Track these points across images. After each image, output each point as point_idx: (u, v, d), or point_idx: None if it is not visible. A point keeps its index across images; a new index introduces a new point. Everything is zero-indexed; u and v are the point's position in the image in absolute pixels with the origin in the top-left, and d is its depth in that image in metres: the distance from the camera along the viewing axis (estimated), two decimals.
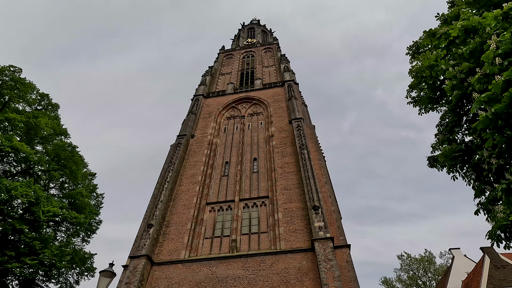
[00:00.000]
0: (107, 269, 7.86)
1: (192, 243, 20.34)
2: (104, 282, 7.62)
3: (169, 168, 25.21)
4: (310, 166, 22.25)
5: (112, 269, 7.91)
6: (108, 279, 7.74)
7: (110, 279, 7.77)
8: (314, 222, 18.46)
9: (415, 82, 12.52)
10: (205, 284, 17.44)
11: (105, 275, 7.70)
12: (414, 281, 40.93)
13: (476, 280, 19.01)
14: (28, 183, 20.68)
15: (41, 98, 25.68)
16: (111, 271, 7.86)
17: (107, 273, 7.76)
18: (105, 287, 7.60)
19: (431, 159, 13.13)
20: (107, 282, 7.65)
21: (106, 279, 7.68)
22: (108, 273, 7.78)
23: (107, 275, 7.75)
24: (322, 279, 15.47)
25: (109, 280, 7.70)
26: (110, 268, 7.92)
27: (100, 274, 7.71)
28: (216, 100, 36.23)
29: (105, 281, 7.64)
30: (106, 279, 7.68)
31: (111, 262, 8.04)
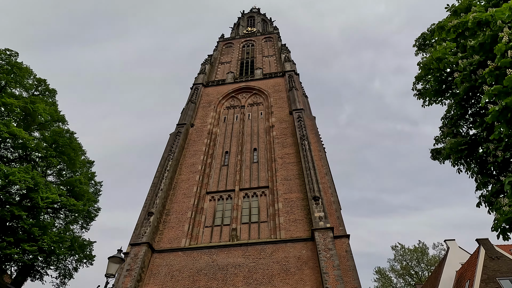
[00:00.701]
0: (116, 255, 7.87)
1: (193, 232, 20.46)
2: (113, 268, 7.64)
3: (168, 156, 25.10)
4: (310, 157, 22.32)
5: (121, 255, 7.93)
6: (118, 265, 7.76)
7: (119, 264, 7.79)
8: (315, 212, 18.63)
9: (422, 74, 12.47)
10: (206, 271, 17.63)
11: (114, 261, 7.72)
12: (407, 271, 41.95)
13: (470, 270, 19.54)
14: (26, 169, 20.46)
15: (38, 83, 25.17)
16: (120, 257, 7.88)
17: (116, 259, 7.77)
18: (115, 272, 7.64)
19: (434, 152, 13.24)
20: (117, 267, 7.68)
21: (115, 264, 7.70)
22: (117, 259, 7.80)
23: (116, 261, 7.77)
24: (322, 268, 15.73)
25: (118, 266, 7.73)
26: (118, 254, 7.94)
27: (109, 260, 7.72)
28: (216, 89, 35.87)
29: (114, 266, 7.66)
30: (115, 265, 7.70)
31: (119, 249, 8.05)
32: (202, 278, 17.35)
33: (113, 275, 7.82)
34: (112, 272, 7.80)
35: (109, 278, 7.71)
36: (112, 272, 7.78)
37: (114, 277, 7.84)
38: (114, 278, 7.82)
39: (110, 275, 7.76)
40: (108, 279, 7.73)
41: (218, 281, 17.08)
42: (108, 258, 7.76)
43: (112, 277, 7.80)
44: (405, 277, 42.76)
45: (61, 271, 23.49)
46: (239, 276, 17.17)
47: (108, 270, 7.71)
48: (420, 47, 14.51)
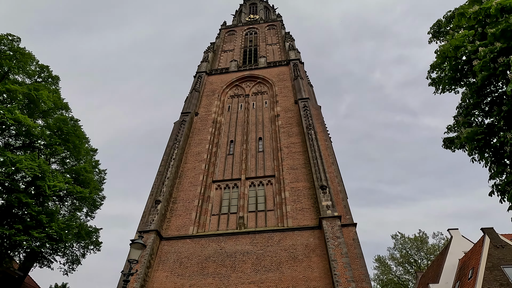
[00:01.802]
0: (137, 241, 7.90)
1: (200, 220, 20.60)
2: (135, 253, 7.68)
3: (174, 145, 25.02)
4: (317, 147, 22.30)
5: (142, 241, 7.95)
6: (140, 251, 7.80)
7: (141, 250, 7.83)
8: (322, 201, 18.74)
9: (438, 61, 12.32)
10: (214, 258, 17.84)
11: (135, 246, 7.75)
12: (407, 259, 42.68)
13: (475, 258, 19.87)
14: (32, 157, 20.36)
15: (40, 69, 24.75)
16: (141, 242, 7.91)
17: (137, 245, 7.81)
18: (137, 257, 7.69)
19: (447, 141, 13.22)
20: (139, 253, 7.72)
21: (137, 250, 7.74)
22: (138, 245, 7.83)
23: (138, 246, 7.80)
24: (330, 255, 15.93)
25: (140, 252, 7.76)
26: (140, 240, 7.96)
27: (131, 246, 7.75)
28: (219, 78, 35.48)
29: (136, 252, 7.70)
30: (138, 251, 7.74)
31: (140, 235, 8.07)
32: (211, 265, 17.57)
33: (136, 260, 7.88)
34: (135, 258, 7.85)
35: (132, 263, 7.78)
36: (135, 257, 7.84)
37: (136, 262, 7.91)
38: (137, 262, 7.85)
39: (133, 261, 7.82)
40: (131, 264, 7.80)
41: (227, 267, 17.31)
42: (130, 244, 7.80)
43: (135, 262, 7.86)
44: (405, 265, 43.54)
45: (68, 257, 23.72)
46: (247, 263, 17.40)
47: (131, 256, 7.77)
48: (435, 35, 14.28)
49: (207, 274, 17.19)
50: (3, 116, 19.30)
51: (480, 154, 11.47)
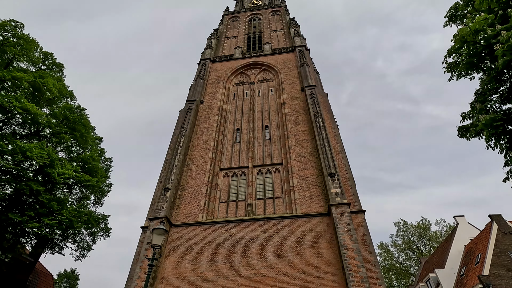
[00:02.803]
0: (159, 227, 7.97)
1: (209, 207, 20.77)
2: (158, 239, 7.77)
3: (180, 133, 24.96)
4: (325, 134, 22.21)
5: (164, 227, 8.02)
6: (162, 236, 7.88)
7: (163, 236, 7.91)
8: (331, 188, 18.81)
9: (456, 46, 12.06)
10: (224, 244, 18.08)
11: (158, 232, 7.82)
12: (409, 246, 43.29)
13: (481, 244, 20.11)
14: (41, 145, 20.38)
15: (44, 57, 24.44)
16: (163, 228, 7.98)
17: (160, 230, 7.88)
18: (160, 243, 7.78)
19: (462, 129, 13.10)
20: (162, 238, 7.80)
21: (159, 236, 7.82)
22: (161, 230, 7.91)
23: (160, 232, 7.88)
24: (340, 242, 16.11)
25: (163, 237, 7.85)
26: (162, 226, 8.03)
27: (153, 232, 7.82)
28: (224, 65, 35.03)
29: (159, 238, 7.78)
30: (160, 236, 7.82)
31: (162, 221, 8.13)
32: (221, 251, 17.83)
33: (159, 245, 7.99)
34: (158, 243, 7.97)
35: (156, 248, 7.90)
36: (158, 242, 7.95)
37: (160, 247, 8.02)
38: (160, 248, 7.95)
39: (156, 246, 7.94)
40: (154, 250, 7.91)
41: (237, 253, 17.56)
42: (152, 230, 7.86)
43: (158, 247, 7.97)
44: (407, 252, 44.21)
45: (79, 244, 24.09)
46: (257, 249, 17.64)
47: (154, 241, 7.88)
48: (451, 18, 13.94)
49: (217, 260, 17.46)
50: (10, 104, 19.18)
51: (496, 141, 11.40)
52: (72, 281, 42.76)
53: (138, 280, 16.18)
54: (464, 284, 19.86)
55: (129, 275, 17.29)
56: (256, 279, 16.35)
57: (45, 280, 28.33)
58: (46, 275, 28.99)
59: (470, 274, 19.60)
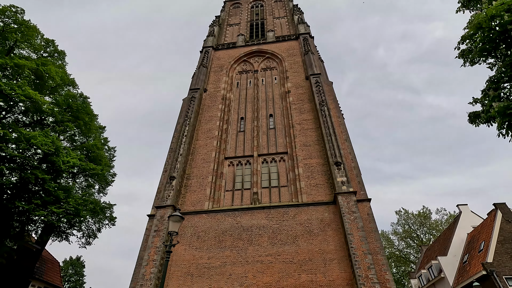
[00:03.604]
0: (176, 214, 7.97)
1: (215, 195, 20.85)
2: (175, 226, 7.79)
3: (185, 122, 24.81)
4: (331, 123, 22.10)
5: (180, 214, 8.03)
6: (179, 223, 7.90)
7: (179, 223, 7.93)
8: (337, 177, 18.85)
9: (470, 32, 11.83)
10: (231, 232, 18.24)
11: (174, 219, 7.83)
12: (409, 234, 43.84)
13: (485, 232, 20.34)
14: (45, 133, 20.26)
15: (46, 44, 24.01)
16: (179, 215, 7.99)
17: (176, 217, 7.89)
18: (177, 229, 7.80)
19: (472, 115, 13.03)
20: (178, 225, 7.82)
21: (176, 223, 7.84)
22: (177, 217, 7.92)
23: (176, 219, 7.89)
24: (346, 229, 16.25)
25: (179, 224, 7.87)
26: (178, 213, 8.04)
27: (170, 219, 7.84)
28: (227, 53, 34.53)
29: (175, 225, 7.80)
30: (176, 223, 7.84)
31: (178, 208, 8.14)
32: (228, 238, 18.00)
33: (176, 232, 8.02)
34: (175, 230, 7.99)
35: (173, 235, 7.92)
36: (175, 229, 7.98)
37: (176, 234, 8.04)
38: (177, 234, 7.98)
39: (173, 232, 7.96)
40: (172, 236, 7.95)
41: (244, 241, 17.74)
42: (168, 218, 7.89)
43: (175, 234, 8.00)
44: (407, 240, 44.80)
45: (85, 232, 24.31)
46: (263, 236, 17.81)
47: (171, 228, 7.91)
48: (465, 4, 13.64)
49: (224, 247, 17.65)
50: (13, 92, 18.96)
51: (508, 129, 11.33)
52: (77, 268, 43.46)
53: (147, 266, 16.38)
54: (467, 271, 20.23)
55: (137, 261, 17.50)
56: (263, 265, 16.57)
57: (52, 267, 28.76)
58: (53, 262, 29.41)
59: (473, 261, 19.93)
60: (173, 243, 7.84)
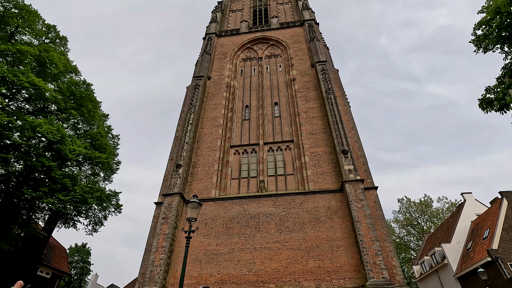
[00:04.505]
0: (193, 200, 7.97)
1: (221, 183, 20.90)
2: (193, 212, 7.80)
3: (190, 110, 24.61)
4: (337, 111, 21.94)
5: (198, 201, 8.03)
6: (197, 210, 7.90)
7: (197, 209, 7.93)
8: (344, 165, 18.85)
9: (487, 17, 11.57)
10: (238, 219, 18.38)
11: (192, 206, 7.83)
12: (410, 222, 44.35)
13: (490, 220, 20.55)
14: (50, 121, 20.10)
15: (47, 29, 23.49)
16: (197, 201, 7.99)
17: (193, 204, 7.89)
18: (195, 215, 7.82)
19: (484, 102, 12.90)
20: (196, 212, 7.83)
21: (194, 209, 7.84)
22: (195, 204, 7.92)
23: (194, 206, 7.89)
24: (354, 217, 16.37)
25: (197, 210, 7.87)
26: (195, 199, 8.03)
27: (188, 206, 7.84)
28: (230, 40, 33.94)
29: (193, 211, 7.81)
30: (195, 210, 7.85)
31: (195, 195, 8.13)
32: (235, 226, 18.16)
33: (194, 218, 8.06)
34: (194, 216, 8.03)
35: (191, 221, 7.96)
36: (194, 215, 8.01)
37: (195, 220, 8.08)
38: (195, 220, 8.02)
39: (192, 219, 8.00)
40: (191, 223, 7.99)
41: (251, 228, 17.90)
42: (186, 204, 7.89)
43: (194, 220, 8.04)
44: (407, 228, 45.36)
45: (91, 219, 24.45)
46: (271, 224, 17.96)
47: (190, 214, 7.93)
48: None
49: (232, 234, 17.83)
50: (17, 79, 18.67)
51: None
52: (83, 254, 44.09)
53: (156, 253, 16.58)
54: (471, 257, 20.57)
55: (146, 248, 17.70)
56: (271, 252, 16.78)
57: (59, 254, 29.15)
58: (60, 248, 29.79)
59: (478, 248, 20.23)
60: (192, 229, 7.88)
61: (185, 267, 7.53)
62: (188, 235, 8.03)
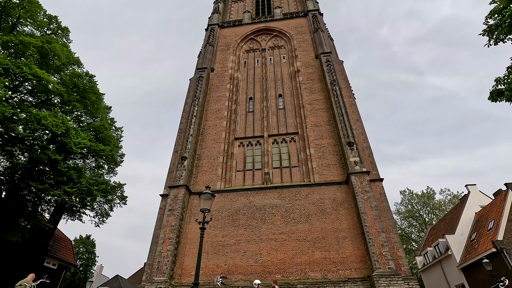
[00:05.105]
0: (206, 192, 7.97)
1: (226, 175, 20.92)
2: (207, 203, 7.80)
3: (194, 102, 24.47)
4: (342, 103, 21.79)
5: (211, 192, 8.02)
6: (210, 201, 7.90)
7: (211, 200, 7.93)
8: (350, 157, 18.81)
9: (501, 6, 11.34)
10: (244, 211, 18.46)
11: (205, 197, 7.83)
12: (412, 214, 44.57)
13: (495, 211, 20.62)
14: (54, 114, 20.02)
15: (49, 20, 23.19)
16: (210, 193, 7.99)
17: (207, 195, 7.88)
18: (209, 207, 7.82)
19: (494, 93, 12.79)
20: (210, 203, 7.83)
21: (207, 200, 7.84)
22: (208, 195, 7.91)
23: (207, 197, 7.89)
24: (360, 208, 16.42)
25: (211, 201, 7.87)
26: (208, 191, 8.03)
27: (201, 197, 7.83)
28: (233, 31, 33.52)
29: (207, 202, 7.81)
30: (208, 201, 7.85)
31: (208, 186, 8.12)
32: (241, 217, 18.25)
33: (208, 209, 8.07)
34: (207, 207, 8.04)
35: (205, 212, 7.97)
36: (207, 206, 8.03)
37: (208, 211, 8.09)
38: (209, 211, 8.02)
39: (205, 210, 8.01)
40: (204, 213, 8.00)
41: (257, 220, 17.99)
42: (200, 196, 7.91)
43: (207, 211, 8.05)
44: (409, 219, 45.61)
45: (97, 211, 24.59)
46: (276, 215, 18.04)
47: (203, 205, 7.94)
48: None
49: (238, 226, 17.93)
50: (21, 71, 18.52)
51: None
52: (88, 246, 44.59)
53: (163, 244, 16.71)
54: (475, 248, 20.73)
55: (153, 240, 17.84)
56: (277, 243, 16.90)
57: (65, 245, 29.44)
58: (65, 240, 30.08)
59: (482, 239, 20.37)
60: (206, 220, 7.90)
61: (200, 257, 7.57)
62: (202, 225, 8.04)
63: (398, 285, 13.45)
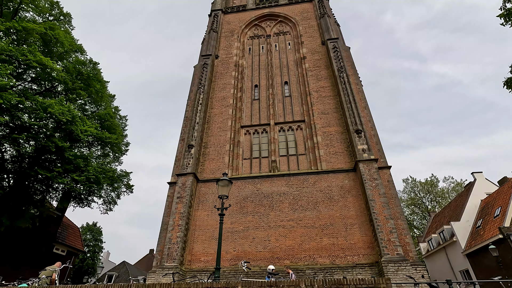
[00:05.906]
0: (224, 178, 7.96)
1: (233, 163, 20.94)
2: (224, 190, 7.80)
3: (199, 90, 24.24)
4: (350, 90, 21.54)
5: (228, 179, 8.01)
6: (227, 187, 7.91)
7: (228, 187, 7.94)
8: (358, 145, 18.74)
9: None
10: (252, 198, 18.57)
11: (222, 184, 7.82)
12: (415, 202, 44.85)
13: (501, 198, 20.70)
14: (60, 101, 19.88)
15: (51, 6, 22.72)
16: (227, 179, 7.98)
17: (224, 182, 7.88)
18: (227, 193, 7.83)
19: (509, 81, 12.60)
20: (227, 189, 7.84)
21: (224, 187, 7.85)
22: (225, 182, 7.91)
23: (224, 183, 7.89)
24: (368, 196, 16.48)
25: (228, 188, 7.88)
26: (225, 177, 8.02)
27: (218, 184, 7.83)
28: (237, 17, 32.84)
29: (224, 189, 7.82)
30: (225, 187, 7.85)
31: (225, 172, 8.10)
32: (249, 205, 18.37)
33: (226, 195, 8.10)
34: (225, 193, 8.07)
35: (223, 198, 8.01)
36: (225, 193, 8.06)
37: (227, 197, 8.13)
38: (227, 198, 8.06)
39: (223, 196, 8.05)
40: (222, 200, 8.04)
41: (265, 207, 18.11)
42: (217, 183, 7.92)
43: (225, 197, 8.09)
44: (411, 207, 45.94)
45: (105, 199, 24.81)
46: (284, 202, 18.15)
47: (221, 192, 7.97)
48: None
49: (246, 213, 18.07)
50: (25, 58, 18.27)
51: None
52: (95, 233, 45.35)
53: (173, 231, 16.90)
54: (481, 235, 20.95)
55: (162, 227, 18.03)
56: (285, 230, 17.07)
57: (73, 232, 29.90)
58: (73, 227, 30.52)
59: (488, 226, 20.56)
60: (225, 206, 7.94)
61: (221, 243, 7.65)
62: (221, 211, 8.07)
63: (406, 270, 13.64)
